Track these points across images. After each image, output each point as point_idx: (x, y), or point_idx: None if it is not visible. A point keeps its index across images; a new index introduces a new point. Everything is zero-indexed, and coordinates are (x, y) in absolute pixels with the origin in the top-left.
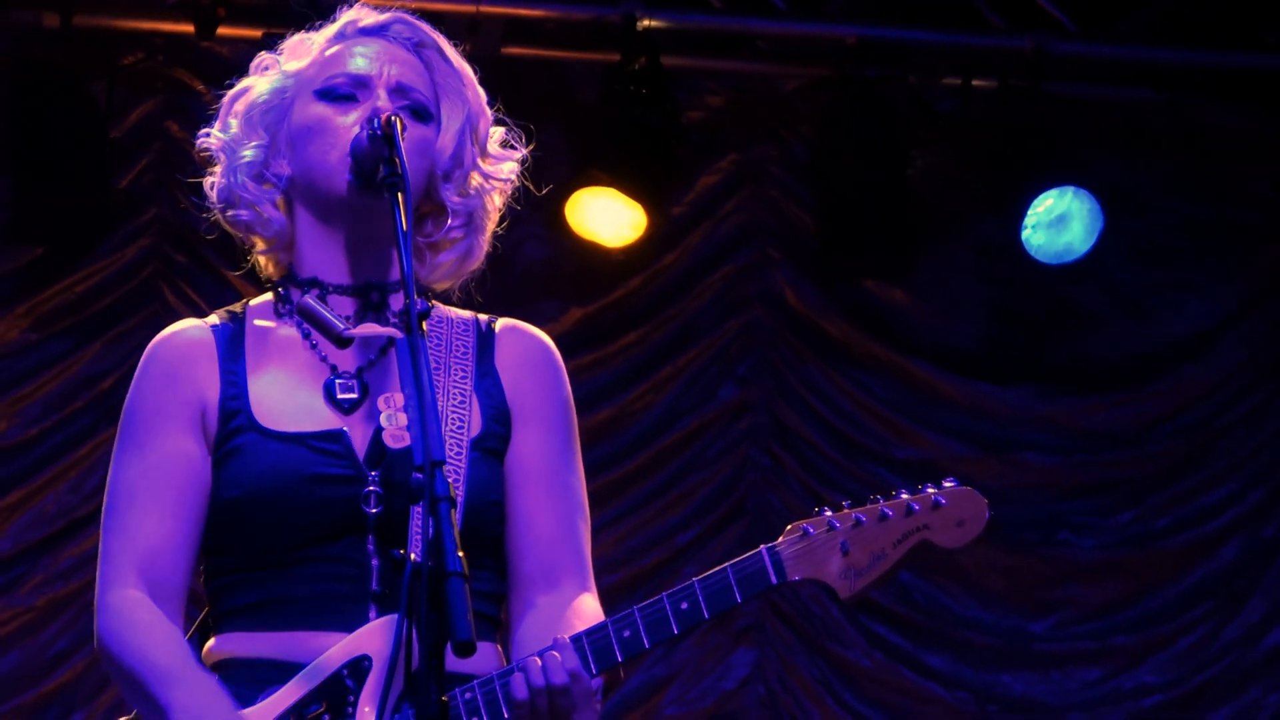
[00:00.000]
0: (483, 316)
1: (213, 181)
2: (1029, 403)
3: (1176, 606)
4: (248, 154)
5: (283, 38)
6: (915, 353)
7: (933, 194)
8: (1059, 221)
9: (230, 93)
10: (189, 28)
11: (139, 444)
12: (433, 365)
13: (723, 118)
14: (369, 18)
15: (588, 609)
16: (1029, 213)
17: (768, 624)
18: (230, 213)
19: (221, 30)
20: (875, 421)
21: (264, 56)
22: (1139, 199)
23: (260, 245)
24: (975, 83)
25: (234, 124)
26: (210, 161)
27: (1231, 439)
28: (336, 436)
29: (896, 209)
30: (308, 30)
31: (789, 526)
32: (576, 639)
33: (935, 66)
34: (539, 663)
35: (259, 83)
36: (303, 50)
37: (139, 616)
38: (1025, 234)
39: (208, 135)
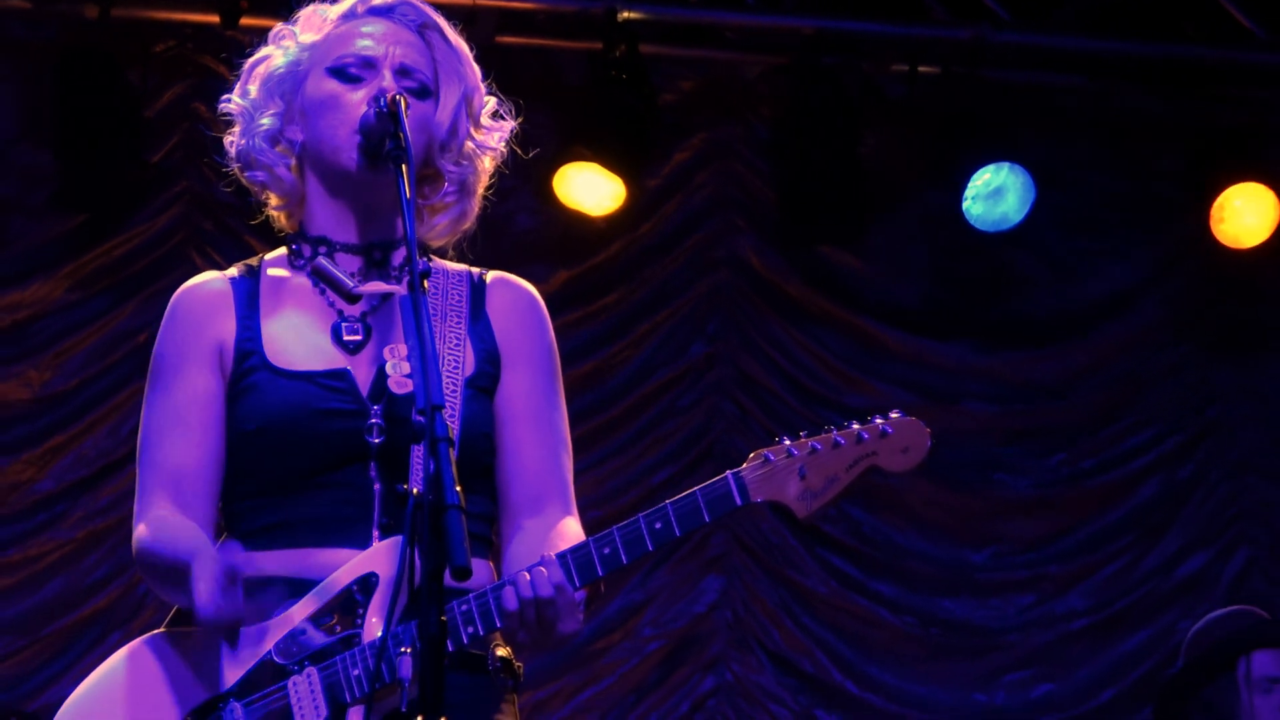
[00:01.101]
0: (475, 269)
1: (232, 141)
2: (968, 356)
3: (1101, 539)
4: (265, 122)
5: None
6: (865, 311)
7: (881, 169)
8: (996, 194)
9: (250, 60)
10: (215, 18)
11: (165, 385)
12: (431, 313)
13: (694, 100)
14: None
15: (570, 530)
16: (968, 186)
17: (734, 555)
18: (248, 173)
19: (244, 20)
20: (829, 373)
21: (280, 27)
22: (1068, 174)
23: (274, 201)
24: (920, 69)
25: (253, 90)
26: (231, 124)
27: (1151, 390)
28: (341, 375)
29: (849, 182)
30: (320, 2)
31: (752, 454)
32: (562, 556)
33: (884, 55)
34: (528, 577)
35: (276, 53)
36: (315, 22)
37: (167, 522)
38: (965, 205)
39: (229, 100)
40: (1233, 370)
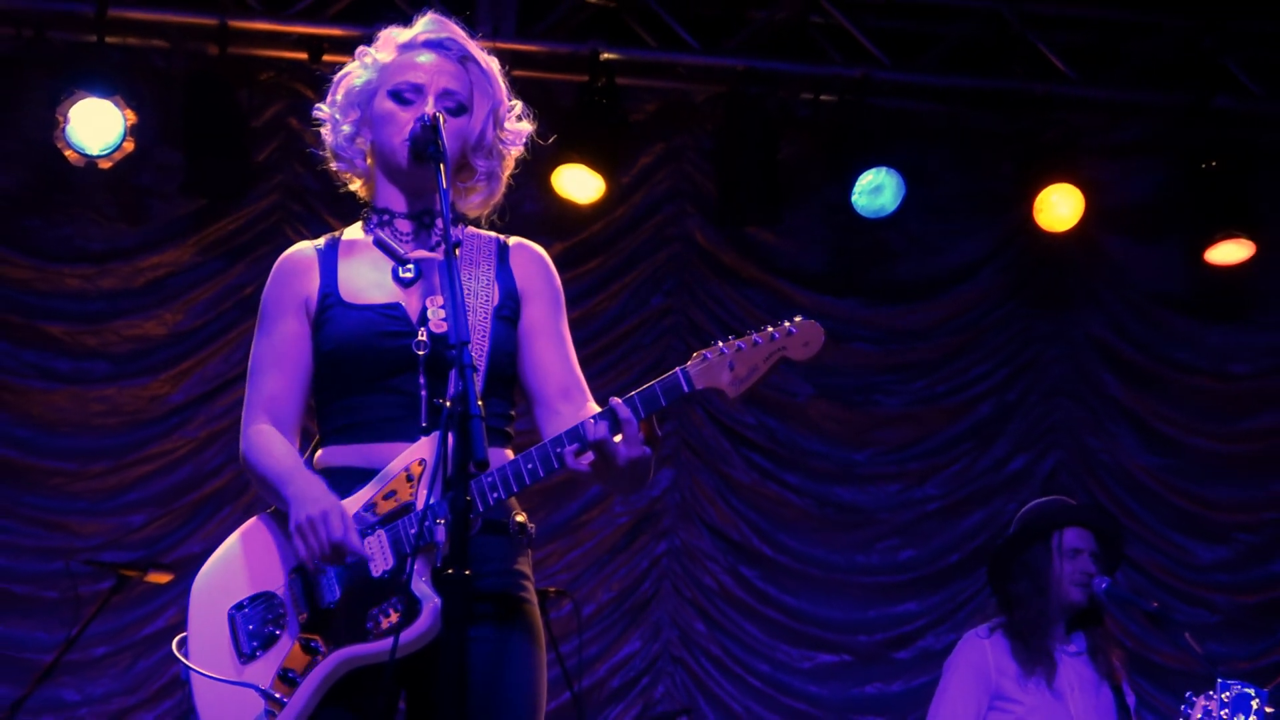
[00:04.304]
0: (502, 235)
1: (324, 136)
2: (856, 310)
3: (950, 444)
4: (346, 128)
5: None
6: (781, 275)
7: (793, 170)
8: (876, 190)
9: (339, 74)
10: (304, 56)
11: (266, 330)
12: (469, 264)
13: (655, 119)
14: (431, 34)
15: (595, 410)
16: (856, 183)
17: (682, 453)
18: (335, 162)
19: (326, 57)
20: (754, 321)
21: (362, 49)
22: (930, 175)
23: (354, 181)
24: (822, 97)
25: (339, 98)
26: (318, 124)
27: (988, 335)
28: (395, 307)
29: (769, 180)
30: (394, 26)
31: (694, 354)
32: (626, 400)
33: (796, 86)
34: (594, 422)
35: (356, 70)
36: (388, 45)
37: (265, 437)
38: (854, 197)
39: (320, 109)
40: (1047, 322)
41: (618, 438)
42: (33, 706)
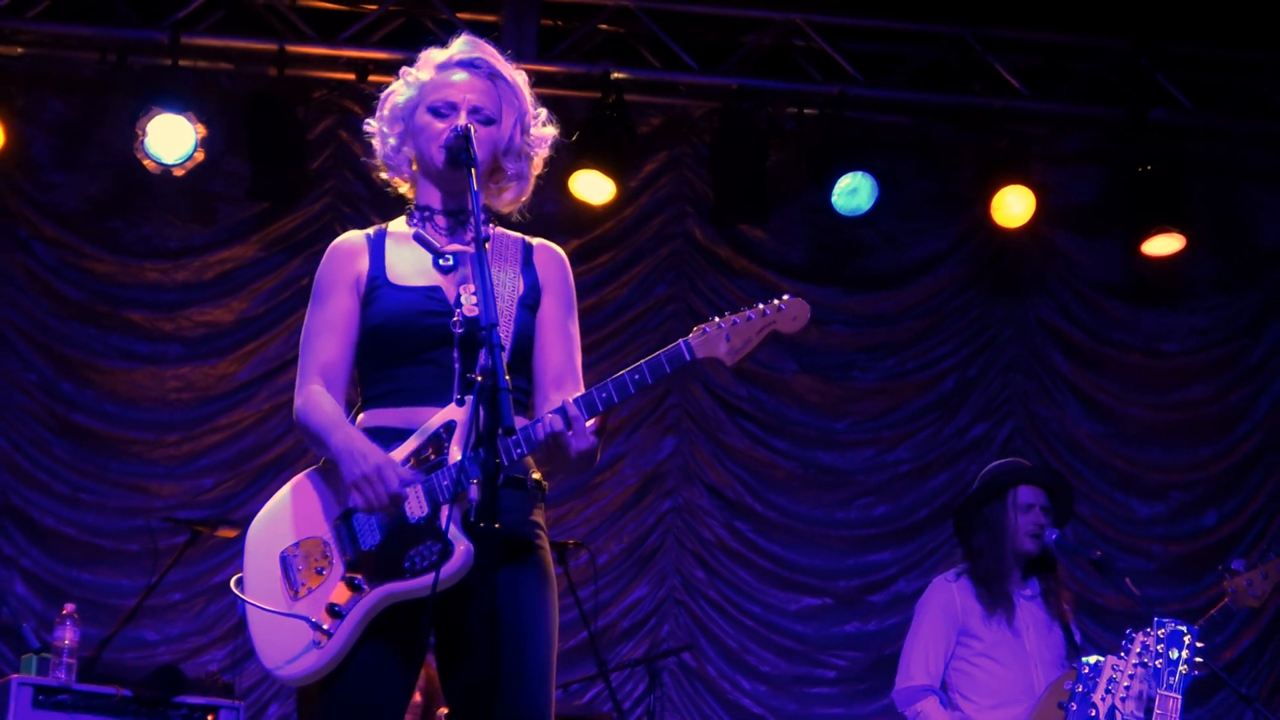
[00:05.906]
0: (527, 237)
1: (374, 146)
2: (836, 297)
3: (918, 414)
4: (393, 140)
5: None
6: (768, 267)
7: (779, 175)
8: (853, 192)
9: (385, 92)
10: (352, 76)
11: (319, 303)
12: (499, 259)
13: (659, 131)
14: (463, 55)
15: None
16: (835, 187)
17: (684, 422)
18: (385, 170)
19: (372, 77)
20: (745, 307)
21: (404, 69)
22: (899, 179)
23: (401, 185)
24: (805, 111)
25: (385, 113)
26: (367, 138)
27: (951, 318)
28: (436, 290)
29: (758, 184)
30: (433, 48)
31: (695, 328)
32: (575, 399)
33: (781, 102)
34: (551, 415)
35: (400, 88)
36: (427, 65)
37: (316, 398)
38: (833, 199)
39: (369, 124)
40: (1003, 307)
41: (570, 431)
42: (118, 645)
